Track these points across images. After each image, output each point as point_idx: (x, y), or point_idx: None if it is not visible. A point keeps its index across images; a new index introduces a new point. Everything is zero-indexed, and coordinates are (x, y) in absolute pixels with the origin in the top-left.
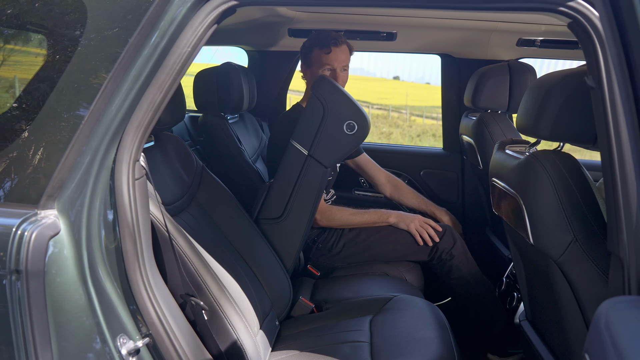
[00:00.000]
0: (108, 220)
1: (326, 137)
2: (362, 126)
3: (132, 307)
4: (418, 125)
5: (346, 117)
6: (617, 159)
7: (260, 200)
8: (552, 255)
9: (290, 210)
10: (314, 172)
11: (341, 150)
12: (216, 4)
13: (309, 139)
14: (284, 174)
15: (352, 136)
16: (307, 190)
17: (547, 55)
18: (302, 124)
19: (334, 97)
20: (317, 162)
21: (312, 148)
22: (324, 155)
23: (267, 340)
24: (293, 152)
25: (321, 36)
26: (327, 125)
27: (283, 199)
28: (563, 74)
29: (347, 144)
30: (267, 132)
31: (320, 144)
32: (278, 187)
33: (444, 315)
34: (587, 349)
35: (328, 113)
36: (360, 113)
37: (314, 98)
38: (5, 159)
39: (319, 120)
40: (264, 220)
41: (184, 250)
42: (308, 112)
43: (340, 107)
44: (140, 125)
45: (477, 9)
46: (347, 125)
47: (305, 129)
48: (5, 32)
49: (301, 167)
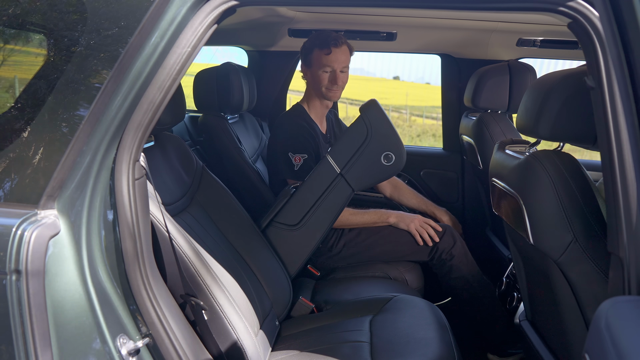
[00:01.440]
0: (108, 220)
1: (362, 162)
2: (399, 160)
3: (132, 307)
4: (418, 125)
5: (386, 148)
6: (617, 159)
7: (280, 203)
8: (552, 255)
9: (306, 221)
10: (340, 192)
11: (373, 178)
12: (216, 4)
13: (345, 159)
14: (311, 185)
15: (387, 167)
16: (328, 207)
17: (547, 55)
18: (342, 141)
19: (380, 125)
20: (346, 183)
21: (345, 168)
22: (355, 179)
23: (267, 340)
24: (326, 166)
25: (321, 37)
26: (366, 150)
27: (303, 209)
28: (563, 74)
29: (380, 174)
30: (267, 132)
31: (355, 166)
32: (302, 196)
33: (444, 315)
34: (587, 349)
35: (370, 139)
36: (400, 146)
37: (361, 120)
38: (5, 159)
39: (359, 143)
40: (279, 224)
41: (184, 250)
42: (351, 132)
43: (383, 136)
44: (140, 125)
45: (477, 9)
46: (385, 156)
47: (344, 148)
48: (6, 32)
49: (330, 183)
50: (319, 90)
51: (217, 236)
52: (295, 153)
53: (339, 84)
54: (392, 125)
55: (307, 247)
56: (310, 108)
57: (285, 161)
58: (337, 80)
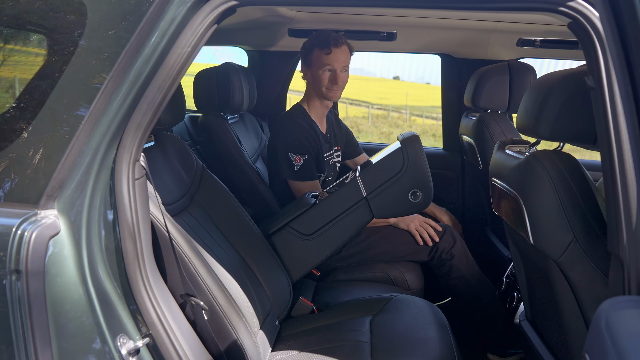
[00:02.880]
0: (108, 220)
1: (390, 192)
2: (426, 199)
3: (132, 307)
4: (418, 125)
5: (417, 185)
6: (617, 159)
7: (298, 210)
8: (552, 255)
9: (320, 234)
10: (360, 215)
11: (395, 211)
12: (216, 4)
13: (374, 185)
14: (335, 201)
15: (412, 203)
16: (344, 226)
17: (547, 55)
18: (375, 167)
19: (417, 160)
20: (368, 208)
21: (372, 194)
22: (378, 206)
23: (267, 340)
24: (353, 186)
25: (321, 37)
26: (397, 182)
27: (321, 221)
28: (563, 74)
29: (404, 208)
30: (267, 132)
31: (382, 195)
32: (322, 209)
33: (444, 315)
34: (587, 349)
35: (404, 172)
36: (430, 187)
37: (400, 152)
38: (5, 159)
39: (392, 174)
40: (292, 230)
41: (184, 250)
42: (387, 161)
43: (417, 172)
44: (140, 125)
45: (477, 9)
46: (413, 192)
47: (376, 174)
48: (5, 32)
49: (353, 204)
50: (319, 90)
51: (217, 236)
52: (296, 153)
53: (339, 84)
54: (427, 164)
55: (315, 258)
56: (311, 108)
57: (286, 161)
58: (338, 80)
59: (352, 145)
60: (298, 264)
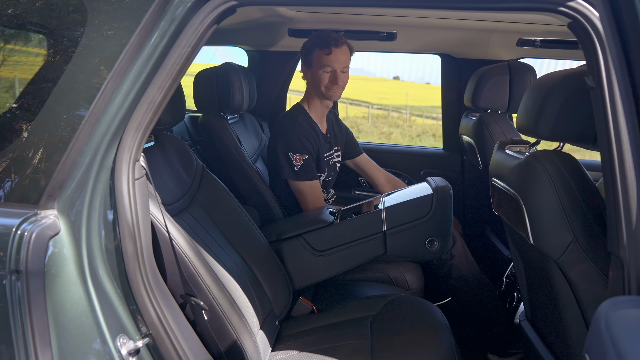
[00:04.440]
0: (108, 220)
1: (408, 234)
2: (441, 250)
3: (132, 307)
4: (418, 125)
5: (436, 234)
6: (617, 159)
7: (315, 224)
8: (552, 255)
9: (331, 254)
10: (374, 247)
11: (408, 253)
12: (216, 4)
13: (396, 222)
14: (354, 226)
15: (426, 250)
16: (356, 253)
17: (547, 55)
18: (403, 206)
19: (444, 212)
20: (383, 242)
21: (391, 230)
22: (394, 244)
23: (267, 340)
24: (376, 217)
25: (321, 37)
26: (418, 226)
27: (335, 241)
28: (563, 74)
29: (417, 253)
30: (267, 132)
31: (400, 234)
32: (340, 230)
33: (444, 315)
34: (587, 349)
35: (428, 220)
36: (448, 239)
37: (429, 198)
38: (5, 159)
39: (416, 217)
40: (304, 242)
41: (184, 250)
42: (416, 203)
43: (440, 223)
44: (140, 125)
45: (477, 9)
46: (431, 240)
47: (402, 213)
48: (6, 32)
49: (371, 234)
50: (319, 90)
51: (217, 236)
52: (296, 153)
53: (339, 84)
54: (452, 217)
55: (320, 275)
56: (311, 108)
57: (286, 161)
58: (338, 81)
59: (352, 146)
60: (303, 275)
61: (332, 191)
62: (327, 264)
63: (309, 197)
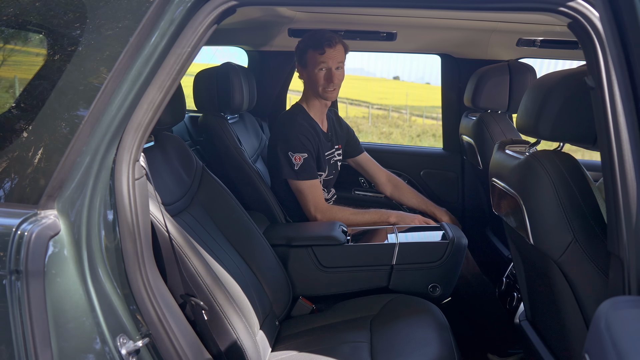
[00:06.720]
0: (108, 220)
1: (414, 273)
2: (442, 296)
3: (132, 307)
4: (418, 125)
5: (440, 280)
6: (617, 159)
7: (327, 240)
8: (552, 255)
9: (335, 273)
10: (378, 277)
11: (408, 290)
12: (216, 4)
13: (406, 260)
14: (364, 252)
15: (427, 294)
16: (359, 278)
17: (547, 55)
18: (418, 246)
19: (452, 263)
20: (388, 276)
21: (399, 266)
22: (397, 279)
23: (267, 340)
24: (388, 250)
25: (314, 37)
26: (426, 270)
27: (342, 262)
28: (563, 74)
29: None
30: (267, 132)
31: (407, 272)
32: (349, 252)
33: (444, 315)
34: (587, 349)
35: (437, 266)
36: (451, 288)
37: (444, 245)
38: (5, 159)
39: (427, 260)
40: (312, 255)
41: (184, 250)
42: (430, 247)
43: (448, 272)
44: (140, 125)
45: (477, 9)
46: (434, 285)
47: (413, 252)
48: (5, 32)
49: (379, 264)
50: (316, 90)
51: (217, 236)
52: (295, 152)
53: (334, 82)
54: (459, 271)
55: (321, 289)
56: (310, 107)
57: (285, 160)
58: (333, 78)
59: (353, 144)
60: (304, 284)
61: (332, 190)
62: (328, 280)
63: (309, 197)
